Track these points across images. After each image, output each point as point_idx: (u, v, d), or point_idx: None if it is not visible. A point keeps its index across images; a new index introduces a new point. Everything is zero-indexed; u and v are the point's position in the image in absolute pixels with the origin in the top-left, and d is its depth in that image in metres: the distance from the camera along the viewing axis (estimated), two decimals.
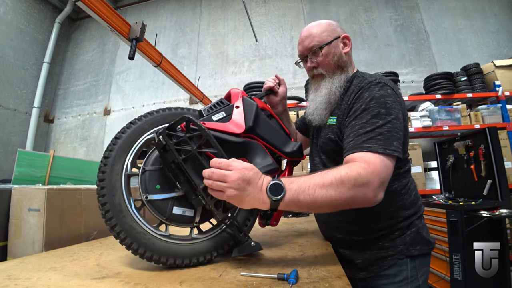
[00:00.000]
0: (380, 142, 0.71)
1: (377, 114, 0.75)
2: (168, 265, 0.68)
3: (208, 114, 0.81)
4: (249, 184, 0.62)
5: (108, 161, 0.71)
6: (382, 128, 0.73)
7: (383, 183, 0.69)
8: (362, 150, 0.71)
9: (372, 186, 0.65)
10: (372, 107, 0.77)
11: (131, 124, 0.78)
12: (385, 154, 0.70)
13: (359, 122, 0.77)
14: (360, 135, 0.74)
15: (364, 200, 0.66)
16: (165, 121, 0.80)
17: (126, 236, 0.65)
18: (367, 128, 0.74)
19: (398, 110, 0.79)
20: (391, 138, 0.73)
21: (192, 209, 0.75)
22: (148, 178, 0.74)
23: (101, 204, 0.67)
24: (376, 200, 0.68)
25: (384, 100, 0.77)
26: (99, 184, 0.69)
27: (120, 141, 0.75)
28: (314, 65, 0.95)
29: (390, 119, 0.75)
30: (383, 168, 0.69)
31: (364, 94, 0.80)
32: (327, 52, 0.92)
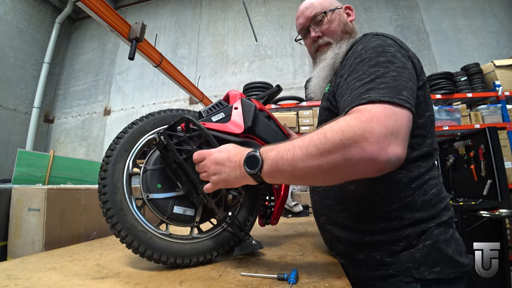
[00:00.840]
0: (384, 91, 0.53)
1: (378, 63, 0.59)
2: (168, 264, 0.68)
3: (207, 115, 0.82)
4: (223, 165, 0.61)
5: (110, 160, 0.72)
6: (384, 77, 0.56)
7: (394, 133, 0.48)
8: (359, 102, 0.53)
9: (371, 135, 0.46)
10: (368, 57, 0.61)
11: (133, 124, 0.79)
12: (392, 102, 0.51)
13: (354, 76, 0.61)
14: (357, 88, 0.57)
15: (362, 156, 0.47)
16: (166, 122, 0.81)
17: (127, 234, 0.65)
18: (364, 79, 0.57)
19: (406, 60, 0.62)
20: (398, 87, 0.54)
21: (193, 209, 0.75)
22: (149, 177, 0.74)
23: (103, 202, 0.67)
24: (387, 156, 0.46)
25: (383, 49, 0.62)
26: (101, 183, 0.69)
27: (122, 140, 0.75)
28: (319, 34, 0.86)
29: (394, 67, 0.58)
30: (387, 115, 0.49)
31: (358, 47, 0.67)
32: (332, 18, 0.84)
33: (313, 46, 0.89)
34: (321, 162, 0.50)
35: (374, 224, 0.67)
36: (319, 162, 0.50)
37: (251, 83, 3.37)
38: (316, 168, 0.51)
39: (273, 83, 3.55)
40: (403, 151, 0.49)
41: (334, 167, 0.50)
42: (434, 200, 0.66)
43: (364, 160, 0.47)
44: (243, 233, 0.77)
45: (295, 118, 3.14)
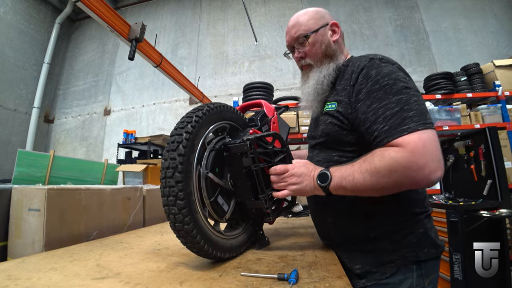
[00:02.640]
0: (416, 118, 0.64)
1: (398, 90, 0.68)
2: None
3: (260, 124, 0.96)
4: (303, 178, 0.75)
5: (190, 136, 0.69)
6: (410, 104, 0.66)
7: (433, 158, 0.61)
8: (402, 134, 0.63)
9: (416, 167, 0.60)
10: (388, 84, 0.69)
11: (211, 108, 0.78)
12: (424, 128, 0.63)
13: (380, 104, 0.68)
14: (390, 118, 0.66)
15: (410, 183, 0.63)
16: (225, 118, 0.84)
17: (183, 198, 0.64)
18: (394, 108, 0.66)
19: (414, 83, 0.73)
20: (422, 111, 0.66)
21: (228, 206, 0.79)
22: (212, 158, 0.76)
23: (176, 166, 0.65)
24: (431, 180, 0.61)
25: (397, 75, 0.71)
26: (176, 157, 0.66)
27: (203, 118, 0.74)
28: (302, 55, 0.90)
29: (413, 92, 0.68)
30: (425, 143, 0.61)
31: (370, 72, 0.73)
32: (314, 40, 0.87)
33: (298, 64, 0.95)
34: (375, 186, 0.65)
35: (373, 221, 0.79)
36: (373, 186, 0.65)
37: (251, 83, 3.37)
38: (371, 189, 0.66)
39: (273, 83, 3.56)
40: (442, 171, 0.61)
41: (387, 189, 0.65)
42: (422, 196, 0.82)
43: (412, 185, 0.64)
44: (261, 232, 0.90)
45: (295, 118, 3.14)
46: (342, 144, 0.82)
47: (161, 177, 0.66)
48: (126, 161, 4.18)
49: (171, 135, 0.68)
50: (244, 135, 0.81)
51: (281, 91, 4.43)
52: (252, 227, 0.88)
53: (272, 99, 3.25)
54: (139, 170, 2.72)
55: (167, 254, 0.83)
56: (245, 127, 0.91)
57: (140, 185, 1.63)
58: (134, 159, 4.21)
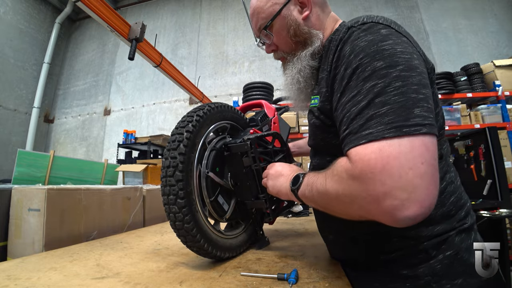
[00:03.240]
0: (388, 119, 0.42)
1: (372, 73, 0.46)
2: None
3: (260, 124, 0.96)
4: (281, 175, 0.69)
5: (191, 136, 0.68)
6: (385, 94, 0.43)
7: (400, 184, 0.39)
8: (357, 143, 0.44)
9: (369, 196, 0.41)
10: (360, 64, 0.48)
11: (212, 108, 0.78)
12: (401, 136, 0.41)
13: (349, 96, 0.49)
14: (354, 118, 0.46)
15: (377, 220, 0.42)
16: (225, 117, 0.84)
17: (184, 197, 0.64)
18: (361, 102, 0.45)
19: (410, 54, 0.47)
20: (407, 104, 0.42)
21: (228, 205, 0.79)
22: (213, 158, 0.76)
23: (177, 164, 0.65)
24: (399, 218, 0.39)
25: (377, 47, 0.47)
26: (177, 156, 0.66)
27: (204, 118, 0.74)
28: (273, 48, 0.75)
29: (398, 72, 0.44)
30: (387, 158, 0.40)
31: (345, 48, 0.52)
32: (278, 28, 0.69)
33: (274, 56, 0.79)
34: (329, 209, 0.53)
35: (389, 244, 0.59)
36: (326, 209, 0.53)
37: (251, 83, 3.37)
38: (326, 210, 0.54)
39: (273, 83, 3.56)
40: (418, 206, 0.39)
41: (345, 215, 0.50)
42: (454, 209, 0.59)
43: (370, 218, 0.43)
44: (261, 232, 0.89)
45: (295, 118, 3.14)
46: (332, 148, 0.64)
47: (162, 176, 0.66)
48: (126, 161, 4.18)
49: (172, 134, 0.68)
50: (244, 135, 0.81)
51: (281, 91, 4.42)
52: (252, 227, 0.88)
53: (272, 99, 3.25)
54: (139, 170, 2.72)
55: (167, 254, 0.83)
56: (246, 127, 0.92)
57: (140, 185, 1.63)
58: (134, 159, 4.20)
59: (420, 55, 0.52)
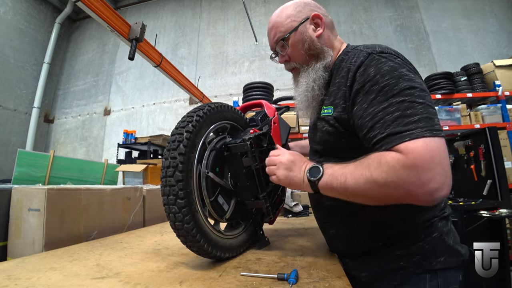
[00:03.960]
0: (422, 124, 0.54)
1: (401, 91, 0.58)
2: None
3: (260, 124, 0.97)
4: (294, 164, 0.69)
5: (190, 136, 0.68)
6: (414, 108, 0.56)
7: (442, 172, 0.51)
8: (403, 140, 0.53)
9: (418, 180, 0.50)
10: (388, 84, 0.59)
11: (212, 108, 0.78)
12: (431, 136, 0.53)
13: (378, 107, 0.59)
14: (390, 123, 0.56)
15: (407, 197, 0.53)
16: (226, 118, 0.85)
17: (184, 197, 0.64)
18: (395, 112, 0.56)
19: (418, 77, 0.62)
20: (429, 115, 0.56)
21: (228, 205, 0.79)
22: (213, 158, 0.76)
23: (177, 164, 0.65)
24: (436, 198, 0.51)
25: (399, 73, 0.60)
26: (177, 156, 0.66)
27: (204, 118, 0.74)
28: (286, 58, 0.82)
29: (418, 93, 0.58)
30: (431, 153, 0.51)
31: (369, 70, 0.63)
32: (294, 41, 0.78)
33: (285, 67, 0.87)
34: (368, 194, 0.57)
35: (390, 230, 0.70)
36: (366, 194, 0.58)
37: (251, 83, 3.37)
38: (363, 195, 0.59)
39: (273, 83, 3.56)
40: (448, 188, 0.52)
41: (381, 200, 0.58)
42: None
43: (412, 202, 0.54)
44: (261, 232, 0.89)
45: (295, 118, 3.14)
46: (342, 151, 0.75)
47: (162, 176, 0.66)
48: (126, 161, 4.17)
49: (172, 134, 0.68)
50: (244, 135, 0.81)
51: (281, 91, 4.43)
52: (252, 227, 0.88)
53: (272, 99, 3.25)
54: (139, 170, 2.72)
55: (167, 254, 0.83)
56: (246, 127, 0.92)
57: (140, 185, 1.63)
58: (134, 159, 4.20)
59: (421, 77, 0.65)
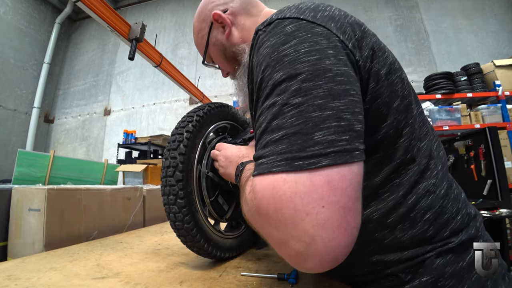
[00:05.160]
0: (280, 147, 0.33)
1: (272, 89, 0.37)
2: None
3: None
4: (230, 162, 0.64)
5: (191, 136, 0.69)
6: (282, 115, 0.34)
7: (295, 232, 0.30)
8: (254, 173, 0.36)
9: (274, 235, 0.33)
10: (263, 78, 0.39)
11: (212, 108, 0.79)
12: (297, 171, 0.31)
13: (256, 118, 0.41)
14: (257, 143, 0.39)
15: (290, 263, 0.34)
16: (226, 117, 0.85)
17: (184, 197, 0.64)
18: (262, 124, 0.37)
19: (320, 52, 0.36)
20: (304, 128, 0.32)
21: (228, 205, 0.80)
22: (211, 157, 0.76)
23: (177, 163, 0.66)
24: (305, 266, 0.32)
25: (278, 53, 0.38)
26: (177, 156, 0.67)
27: (204, 118, 0.75)
28: (224, 73, 0.76)
29: (297, 85, 0.35)
30: (280, 198, 0.31)
31: (254, 59, 0.43)
32: (214, 55, 0.71)
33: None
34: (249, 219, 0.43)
35: (359, 267, 0.49)
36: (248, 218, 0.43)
37: None
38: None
39: None
40: (320, 261, 0.30)
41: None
42: (431, 229, 0.44)
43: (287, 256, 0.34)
44: None
45: None
46: None
47: (162, 176, 0.66)
48: (126, 161, 4.17)
49: (172, 134, 0.69)
50: (244, 134, 0.82)
51: None
52: None
53: None
54: (139, 170, 2.72)
55: (167, 254, 0.83)
56: (246, 127, 0.92)
57: (140, 185, 1.63)
58: (134, 159, 4.20)
59: (343, 46, 0.38)
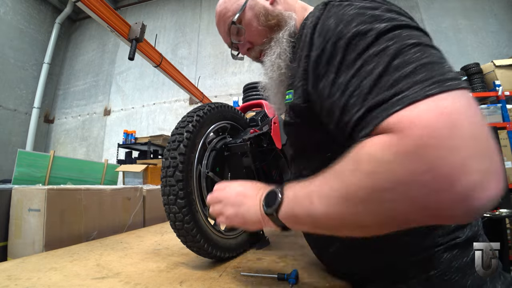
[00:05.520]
0: (422, 76, 0.31)
1: (377, 37, 0.36)
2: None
3: (261, 124, 0.95)
4: (245, 196, 0.51)
5: (191, 136, 0.69)
6: (404, 53, 0.33)
7: (478, 149, 0.26)
8: (391, 110, 0.31)
9: (436, 172, 0.25)
10: (357, 32, 0.37)
11: (212, 108, 0.79)
12: (447, 90, 0.29)
13: (350, 71, 0.37)
14: (370, 90, 0.34)
15: (433, 216, 0.28)
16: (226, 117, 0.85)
17: (184, 197, 0.64)
18: (375, 70, 0.34)
19: (408, 19, 0.39)
20: (433, 60, 0.33)
21: None
22: (213, 158, 0.76)
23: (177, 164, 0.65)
24: (478, 203, 0.25)
25: (372, 12, 0.38)
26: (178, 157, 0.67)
27: (204, 118, 0.74)
28: (247, 46, 0.68)
29: (407, 32, 0.35)
30: (450, 115, 0.27)
31: (327, 24, 0.42)
32: (248, 20, 0.64)
33: (252, 58, 0.71)
34: (348, 221, 0.34)
35: (363, 264, 0.50)
36: (345, 222, 0.35)
37: (251, 83, 3.36)
38: (341, 225, 0.36)
39: None
40: (497, 183, 0.26)
41: (373, 226, 0.33)
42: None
43: (425, 218, 0.29)
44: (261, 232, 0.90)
45: None
46: (305, 152, 0.56)
47: (162, 176, 0.66)
48: (126, 161, 4.17)
49: (172, 134, 0.69)
50: (244, 135, 0.82)
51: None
52: None
53: None
54: (139, 170, 2.72)
55: (167, 254, 0.83)
56: (246, 127, 0.92)
57: (140, 185, 1.63)
58: (134, 159, 4.20)
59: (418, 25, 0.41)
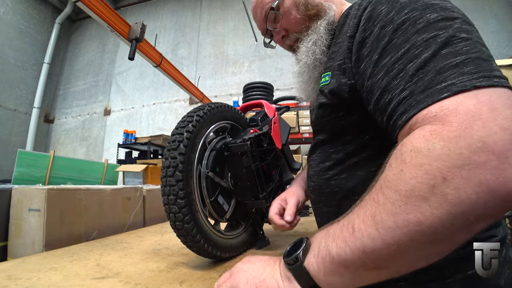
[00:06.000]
0: (470, 68, 0.32)
1: (427, 25, 0.36)
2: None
3: (261, 124, 0.97)
4: (264, 268, 0.44)
5: (191, 136, 0.69)
6: (454, 44, 0.34)
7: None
8: (438, 97, 0.31)
9: (485, 156, 0.25)
10: (408, 18, 0.38)
11: (212, 108, 0.79)
12: (492, 86, 0.30)
13: (397, 53, 0.37)
14: (416, 72, 0.35)
15: (489, 207, 0.25)
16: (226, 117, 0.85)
17: (184, 197, 0.64)
18: (422, 54, 0.35)
19: (462, 12, 0.39)
20: (483, 56, 0.33)
21: (228, 205, 0.80)
22: (213, 158, 0.76)
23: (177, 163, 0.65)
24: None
25: (424, 1, 0.39)
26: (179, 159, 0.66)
27: (204, 118, 0.74)
28: (282, 33, 0.69)
29: (458, 24, 0.35)
30: (494, 104, 0.28)
31: (378, 8, 0.43)
32: (287, 7, 0.65)
33: (285, 47, 0.73)
34: (402, 243, 0.28)
35: None
36: (399, 244, 0.28)
37: (251, 83, 3.37)
38: (398, 252, 0.29)
39: (273, 83, 3.55)
40: None
41: (433, 226, 0.27)
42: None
43: (485, 211, 0.26)
44: (261, 232, 0.90)
45: (295, 118, 3.14)
46: (342, 134, 0.54)
47: (162, 176, 0.66)
48: (126, 161, 4.17)
49: (172, 134, 0.69)
50: (244, 134, 0.82)
51: (281, 91, 4.43)
52: (252, 227, 0.89)
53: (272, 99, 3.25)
54: (139, 170, 2.72)
55: (167, 254, 0.83)
56: (246, 127, 0.92)
57: (140, 185, 1.63)
58: (134, 159, 4.20)
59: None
